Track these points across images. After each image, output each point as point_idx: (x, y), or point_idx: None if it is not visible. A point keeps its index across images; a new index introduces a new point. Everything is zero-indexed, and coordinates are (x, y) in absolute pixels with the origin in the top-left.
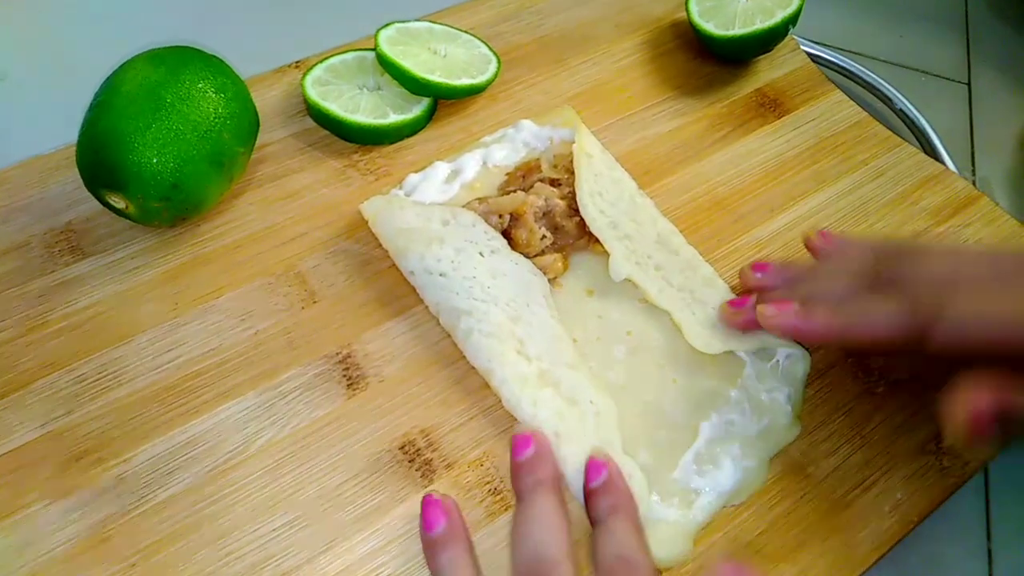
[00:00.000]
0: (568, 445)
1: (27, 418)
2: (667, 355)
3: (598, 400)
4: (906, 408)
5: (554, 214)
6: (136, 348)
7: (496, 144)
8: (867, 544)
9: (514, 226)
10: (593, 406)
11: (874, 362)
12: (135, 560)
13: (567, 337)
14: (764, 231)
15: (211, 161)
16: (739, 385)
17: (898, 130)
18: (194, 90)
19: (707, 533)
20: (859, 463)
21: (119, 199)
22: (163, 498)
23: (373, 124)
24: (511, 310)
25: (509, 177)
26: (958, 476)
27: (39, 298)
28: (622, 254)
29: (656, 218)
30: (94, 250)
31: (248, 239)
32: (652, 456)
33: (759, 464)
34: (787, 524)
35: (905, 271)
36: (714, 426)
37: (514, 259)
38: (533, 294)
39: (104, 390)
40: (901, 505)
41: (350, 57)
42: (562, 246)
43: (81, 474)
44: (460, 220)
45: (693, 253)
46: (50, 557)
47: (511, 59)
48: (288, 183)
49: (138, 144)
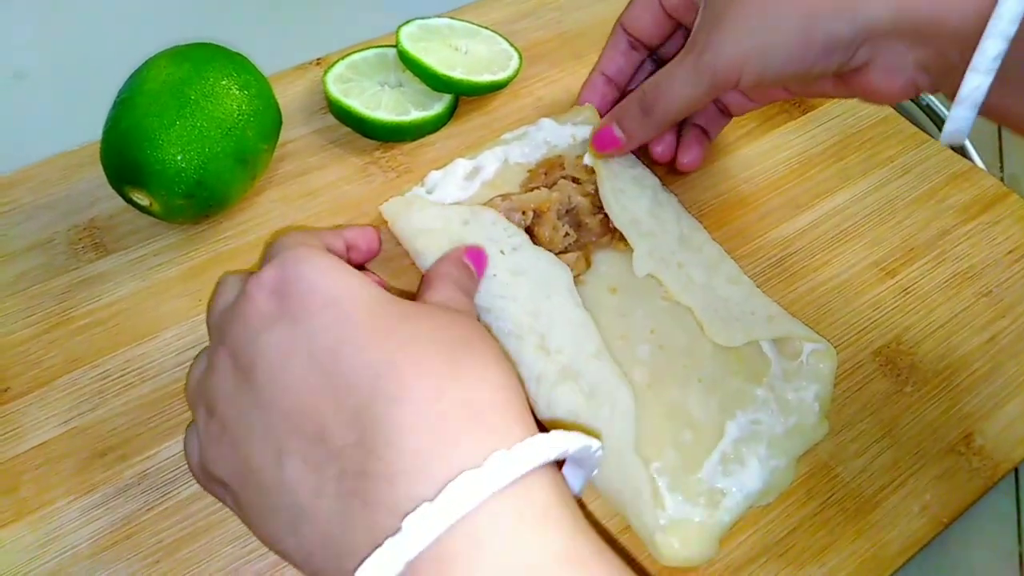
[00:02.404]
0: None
1: (51, 414)
2: (691, 354)
3: (616, 393)
4: (935, 408)
5: (577, 211)
6: (160, 345)
7: (517, 142)
8: (895, 546)
9: (536, 223)
10: (610, 399)
11: (902, 361)
12: (159, 556)
13: (591, 324)
14: (789, 228)
15: (235, 158)
16: (765, 384)
17: (924, 126)
18: (218, 87)
19: (733, 533)
20: (888, 463)
21: (143, 196)
22: (187, 495)
23: (395, 121)
24: (531, 304)
25: (531, 174)
26: (988, 477)
27: (63, 294)
28: (645, 250)
29: (680, 214)
30: (118, 247)
31: (271, 236)
32: (677, 456)
33: (786, 464)
34: (814, 525)
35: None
36: (740, 425)
37: (536, 253)
38: (555, 286)
39: (128, 386)
40: (930, 506)
41: (371, 54)
42: (585, 243)
43: (105, 470)
44: (480, 219)
45: (717, 250)
46: (74, 553)
47: (532, 55)
48: (310, 180)
49: (162, 141)
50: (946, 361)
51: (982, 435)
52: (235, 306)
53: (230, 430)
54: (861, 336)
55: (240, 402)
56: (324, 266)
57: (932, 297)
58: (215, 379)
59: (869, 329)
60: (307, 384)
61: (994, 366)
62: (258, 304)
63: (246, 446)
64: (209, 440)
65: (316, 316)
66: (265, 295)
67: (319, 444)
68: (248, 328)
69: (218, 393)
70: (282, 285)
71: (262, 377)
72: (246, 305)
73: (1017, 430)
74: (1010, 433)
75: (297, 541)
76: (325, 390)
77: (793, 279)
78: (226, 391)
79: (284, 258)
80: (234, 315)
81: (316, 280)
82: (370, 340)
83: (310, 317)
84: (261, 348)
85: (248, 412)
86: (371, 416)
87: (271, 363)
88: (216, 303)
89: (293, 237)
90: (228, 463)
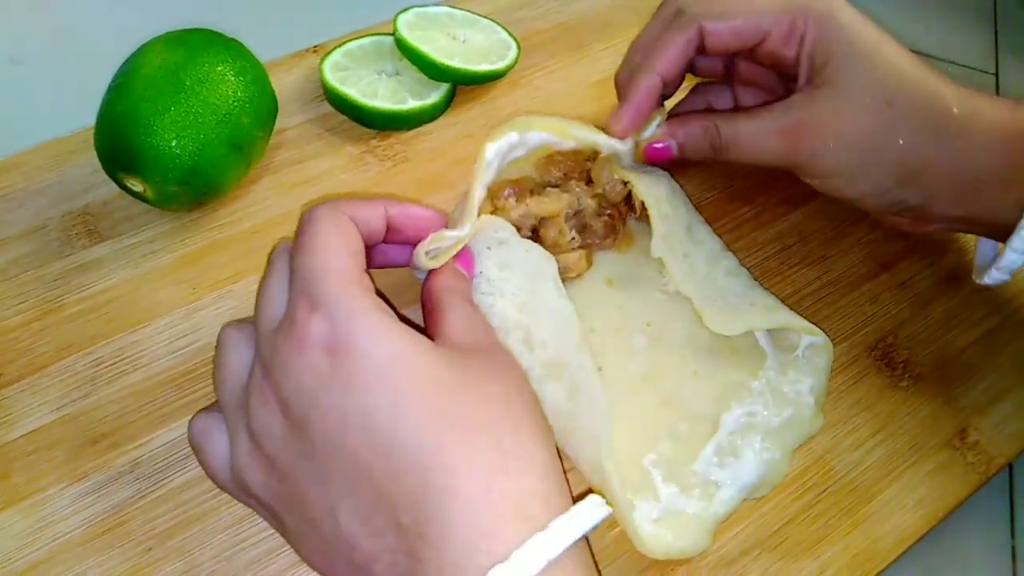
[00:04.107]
0: (566, 437)
1: (43, 401)
2: (688, 346)
3: (593, 390)
4: (931, 402)
5: (583, 214)
6: (153, 332)
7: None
8: (890, 539)
9: (543, 225)
10: (588, 394)
11: (898, 355)
12: (151, 544)
13: (574, 317)
14: (784, 224)
15: (230, 145)
16: (761, 376)
17: None
18: (213, 73)
19: (727, 526)
20: (882, 458)
21: (137, 182)
22: (179, 483)
23: (392, 110)
24: (517, 299)
25: (548, 161)
26: (983, 472)
27: (56, 281)
28: (661, 233)
29: (688, 206)
30: (111, 234)
31: (266, 224)
32: (672, 448)
33: (781, 457)
34: (808, 518)
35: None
36: (735, 418)
37: (524, 246)
38: (541, 278)
39: (121, 374)
40: (925, 500)
41: (368, 42)
42: (587, 244)
43: (97, 458)
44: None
45: (719, 244)
46: (66, 540)
47: (531, 45)
48: (306, 168)
49: (157, 127)
50: (942, 356)
51: (977, 430)
52: (284, 344)
53: (279, 467)
54: (857, 330)
55: (291, 448)
56: (376, 328)
57: (929, 292)
58: (262, 413)
59: (866, 323)
60: (362, 457)
61: (990, 361)
62: (310, 359)
63: (296, 488)
64: (252, 462)
65: (371, 392)
66: (317, 352)
67: (375, 513)
68: (300, 382)
69: (266, 430)
70: (334, 345)
71: (317, 437)
72: (297, 355)
73: (1012, 425)
74: (1005, 428)
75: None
76: (381, 467)
77: (790, 273)
78: (274, 432)
79: (335, 313)
80: (282, 356)
81: (369, 348)
82: (423, 421)
83: (364, 392)
84: (316, 410)
85: (300, 461)
86: (425, 503)
87: (327, 428)
88: (263, 308)
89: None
90: (272, 492)
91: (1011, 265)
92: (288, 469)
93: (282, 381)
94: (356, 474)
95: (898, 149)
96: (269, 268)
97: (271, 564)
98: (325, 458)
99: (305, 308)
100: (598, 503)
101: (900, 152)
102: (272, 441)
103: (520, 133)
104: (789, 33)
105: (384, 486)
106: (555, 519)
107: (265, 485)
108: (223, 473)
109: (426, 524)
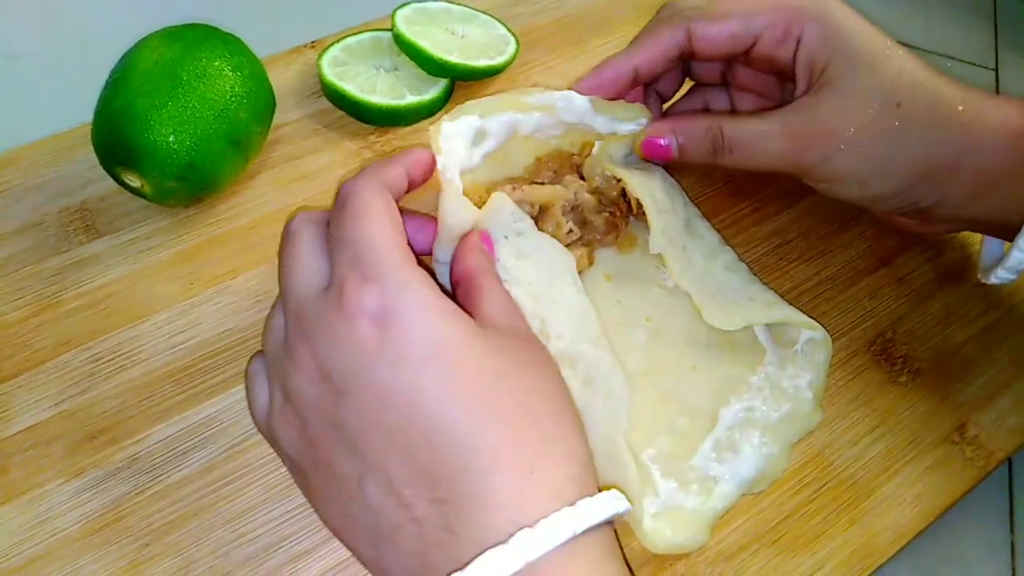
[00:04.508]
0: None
1: (41, 397)
2: (687, 341)
3: (612, 381)
4: (929, 398)
5: (582, 209)
6: (151, 328)
7: (537, 112)
8: (888, 535)
9: (541, 219)
10: (605, 386)
11: (897, 351)
12: (148, 540)
13: (592, 312)
14: (783, 219)
15: (227, 140)
16: (760, 371)
17: None
18: (211, 68)
19: (726, 521)
20: (881, 453)
21: (134, 178)
22: (177, 478)
23: (390, 105)
24: (533, 289)
25: (538, 164)
26: (982, 467)
27: (53, 277)
28: (660, 228)
29: (685, 200)
30: (109, 229)
31: (264, 220)
32: (671, 443)
33: (779, 452)
34: (807, 513)
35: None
36: (734, 413)
37: (540, 238)
38: (558, 270)
39: (118, 370)
40: (923, 496)
41: (366, 37)
42: (588, 241)
43: (95, 453)
44: (489, 205)
45: (718, 238)
46: (64, 535)
47: (529, 41)
48: (304, 164)
49: (154, 122)
50: (941, 351)
51: (976, 425)
52: (332, 313)
53: (310, 430)
54: (856, 325)
55: (325, 416)
56: (429, 305)
57: (928, 287)
58: (297, 377)
59: (865, 318)
60: (403, 433)
61: (988, 357)
62: (357, 330)
63: (324, 452)
64: (284, 420)
65: (419, 369)
66: (366, 323)
67: (407, 485)
68: (345, 353)
69: (301, 393)
70: (383, 317)
71: (353, 407)
72: (343, 322)
73: (1011, 420)
74: (1004, 423)
75: (374, 554)
76: (421, 443)
77: (789, 268)
78: (310, 396)
79: (389, 287)
80: (329, 326)
81: (419, 323)
82: (471, 403)
83: (413, 369)
84: (359, 383)
85: (333, 429)
86: (465, 480)
87: (367, 400)
88: (298, 277)
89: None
90: (300, 451)
91: (1018, 264)
92: (319, 433)
93: (325, 351)
94: (390, 447)
95: (910, 149)
96: (294, 238)
97: (269, 560)
98: (359, 429)
99: (355, 280)
100: (619, 495)
101: (912, 152)
102: (306, 405)
103: (481, 116)
104: (783, 35)
105: (421, 461)
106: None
107: (293, 443)
108: (261, 419)
109: (464, 500)
